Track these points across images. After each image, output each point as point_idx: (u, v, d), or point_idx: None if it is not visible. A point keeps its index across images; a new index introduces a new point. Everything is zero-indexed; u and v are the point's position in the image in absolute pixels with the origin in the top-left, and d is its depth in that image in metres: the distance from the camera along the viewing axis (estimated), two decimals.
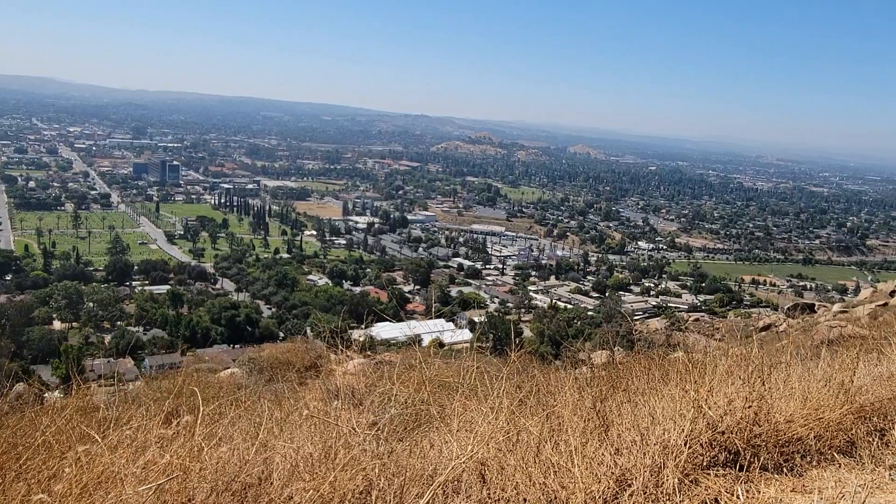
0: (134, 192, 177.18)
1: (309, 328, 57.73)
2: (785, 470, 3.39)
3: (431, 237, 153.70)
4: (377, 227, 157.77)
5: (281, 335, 62.67)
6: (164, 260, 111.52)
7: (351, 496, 3.00)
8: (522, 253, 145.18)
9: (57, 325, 75.06)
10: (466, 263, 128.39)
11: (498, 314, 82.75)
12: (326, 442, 3.37)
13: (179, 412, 4.18)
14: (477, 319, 74.09)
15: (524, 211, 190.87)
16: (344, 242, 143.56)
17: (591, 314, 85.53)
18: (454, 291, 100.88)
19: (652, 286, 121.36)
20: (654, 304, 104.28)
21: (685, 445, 3.28)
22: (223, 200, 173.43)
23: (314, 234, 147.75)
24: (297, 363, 12.17)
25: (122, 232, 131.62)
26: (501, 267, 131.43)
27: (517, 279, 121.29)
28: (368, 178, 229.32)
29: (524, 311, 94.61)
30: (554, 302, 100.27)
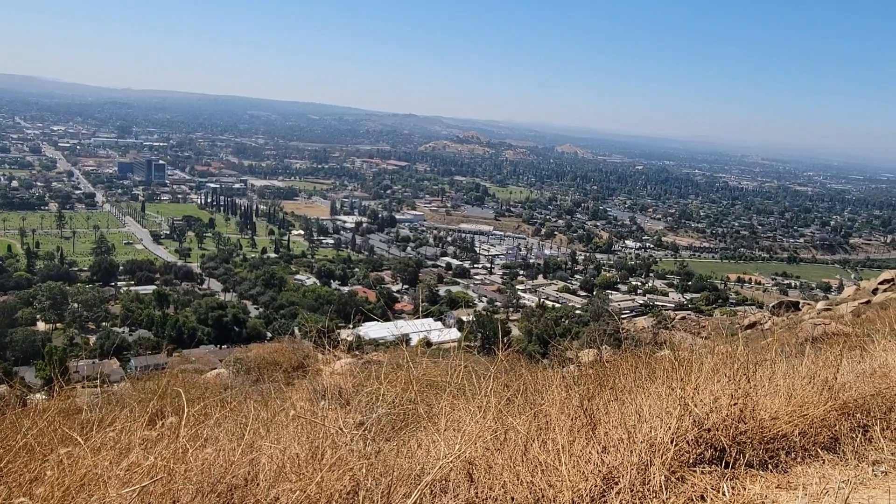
0: (119, 191, 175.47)
1: (297, 328, 57.48)
2: (770, 466, 3.42)
3: (420, 236, 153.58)
4: (365, 226, 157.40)
5: (268, 335, 62.33)
6: (149, 260, 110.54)
7: (338, 496, 2.98)
8: (510, 252, 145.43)
9: (41, 326, 74.32)
10: (455, 263, 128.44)
11: (486, 313, 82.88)
12: (313, 442, 3.35)
13: (164, 413, 4.14)
14: (465, 318, 74.14)
15: (512, 210, 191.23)
16: (332, 242, 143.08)
17: (578, 313, 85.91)
18: (442, 291, 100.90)
19: (639, 285, 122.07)
20: (641, 302, 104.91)
21: (672, 443, 3.30)
22: (210, 200, 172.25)
23: (302, 233, 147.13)
24: (284, 363, 12.11)
25: (107, 232, 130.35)
26: (489, 266, 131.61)
27: (505, 278, 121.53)
28: (356, 177, 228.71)
29: (512, 309, 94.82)
30: (542, 301, 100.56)
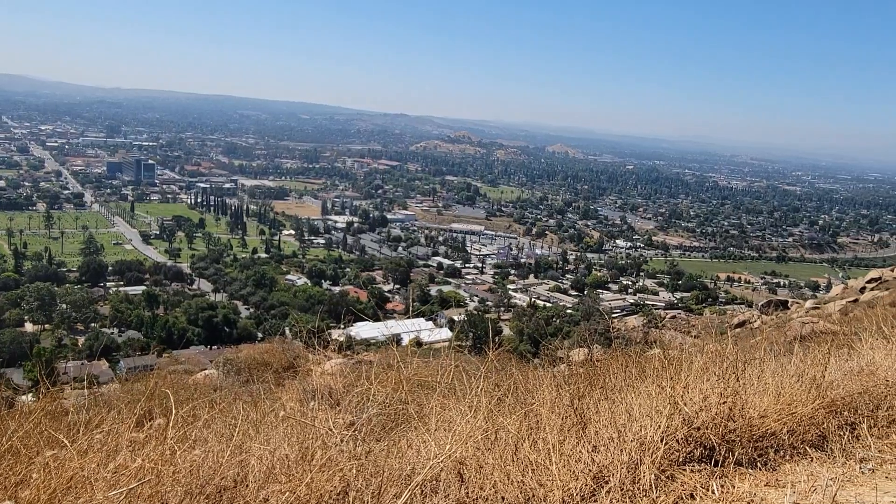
0: (108, 191, 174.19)
1: (287, 328, 57.31)
2: (759, 464, 3.44)
3: (411, 236, 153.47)
4: (356, 226, 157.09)
5: (259, 336, 62.09)
6: (139, 260, 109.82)
7: (328, 497, 2.97)
8: (502, 252, 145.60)
9: (29, 327, 73.77)
10: (446, 262, 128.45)
11: (477, 313, 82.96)
12: (303, 443, 3.33)
13: (153, 415, 4.11)
14: (456, 318, 74.18)
15: (503, 210, 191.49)
16: (323, 242, 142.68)
17: (569, 312, 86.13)
18: (434, 290, 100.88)
19: (630, 284, 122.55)
20: (631, 301, 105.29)
21: (661, 442, 3.31)
22: (200, 200, 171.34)
23: (293, 233, 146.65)
24: (274, 364, 12.06)
25: (95, 232, 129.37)
26: (481, 266, 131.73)
27: (496, 278, 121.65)
28: (347, 177, 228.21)
29: (503, 309, 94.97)
30: (533, 300, 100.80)
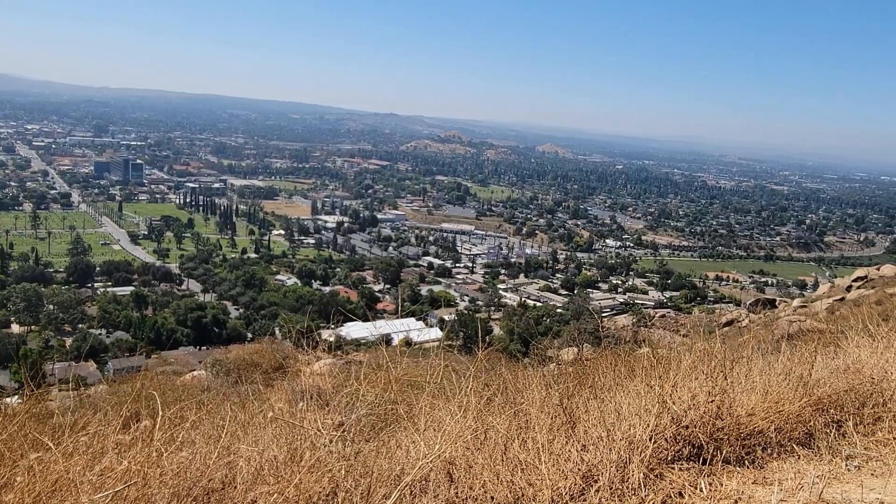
0: (96, 191, 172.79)
1: (277, 329, 57.07)
2: (746, 462, 3.46)
3: (401, 236, 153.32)
4: (347, 226, 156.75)
5: (249, 336, 61.85)
6: (127, 261, 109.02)
7: (317, 498, 2.95)
8: (492, 251, 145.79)
9: (15, 328, 73.13)
10: (436, 262, 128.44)
11: (468, 312, 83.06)
12: (292, 444, 3.32)
13: (139, 417, 4.08)
14: (447, 318, 74.19)
15: (494, 209, 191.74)
16: (313, 242, 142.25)
17: (559, 311, 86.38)
18: (424, 290, 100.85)
19: (619, 283, 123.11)
20: (621, 300, 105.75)
21: (650, 440, 3.32)
22: (189, 200, 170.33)
23: (282, 233, 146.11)
24: (264, 364, 12.00)
25: (83, 232, 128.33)
26: (471, 265, 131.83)
27: (487, 277, 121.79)
28: (337, 176, 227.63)
29: (494, 309, 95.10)
30: (523, 300, 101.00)
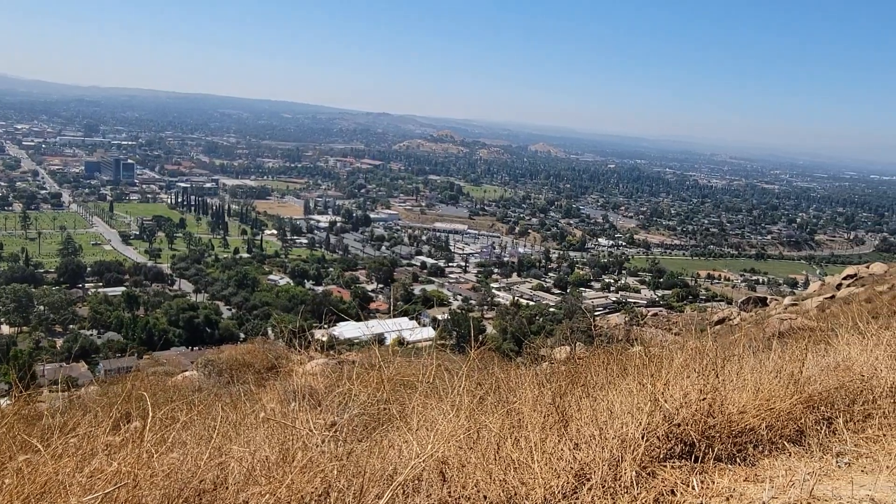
0: (86, 191, 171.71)
1: (270, 329, 56.97)
2: (738, 460, 3.47)
3: (394, 236, 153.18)
4: (339, 225, 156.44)
5: (241, 336, 61.64)
6: (118, 261, 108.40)
7: (309, 499, 2.94)
8: (485, 250, 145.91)
9: (5, 329, 72.71)
10: (429, 261, 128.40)
11: (461, 312, 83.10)
12: (284, 444, 3.30)
13: (130, 418, 4.05)
14: (440, 317, 74.23)
15: (486, 209, 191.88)
16: (305, 241, 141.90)
17: (552, 310, 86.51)
18: (417, 290, 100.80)
19: (612, 282, 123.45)
20: (614, 299, 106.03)
21: (642, 438, 3.32)
22: (180, 199, 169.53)
23: (275, 233, 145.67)
24: (256, 365, 11.96)
25: (74, 232, 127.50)
26: (464, 265, 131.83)
27: (480, 276, 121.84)
28: (330, 176, 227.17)
29: (487, 308, 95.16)
30: (516, 299, 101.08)
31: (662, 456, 3.38)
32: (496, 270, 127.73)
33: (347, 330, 45.90)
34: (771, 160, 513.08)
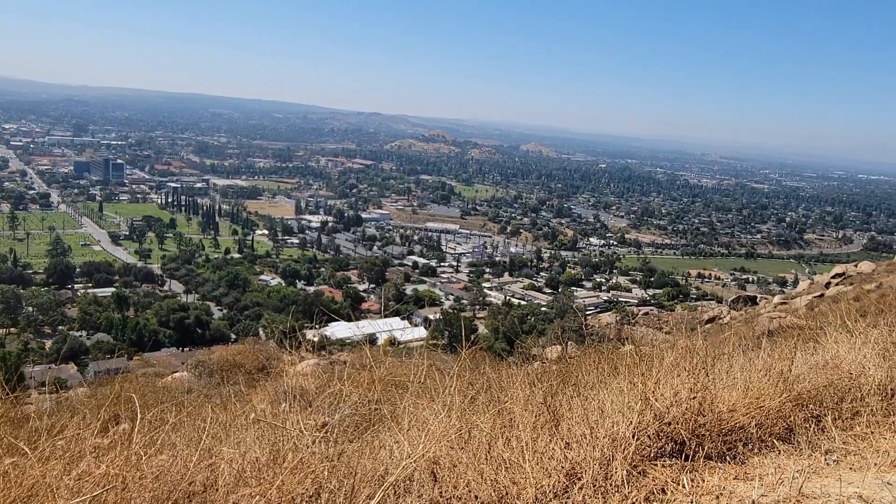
0: (75, 191, 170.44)
1: (261, 329, 56.71)
2: (728, 458, 3.48)
3: (386, 235, 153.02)
4: (331, 225, 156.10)
5: (232, 337, 61.39)
6: (108, 261, 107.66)
7: (300, 500, 2.93)
8: (477, 250, 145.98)
9: None
10: (421, 261, 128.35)
11: (453, 311, 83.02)
12: (274, 445, 3.29)
13: (119, 419, 4.02)
14: (432, 317, 74.24)
15: (478, 209, 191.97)
16: (297, 242, 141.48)
17: (544, 310, 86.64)
18: (409, 289, 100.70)
19: (603, 281, 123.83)
20: (605, 298, 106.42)
21: (633, 437, 3.33)
22: (170, 200, 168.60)
23: (266, 233, 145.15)
24: (247, 365, 11.91)
25: (62, 233, 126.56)
26: (456, 264, 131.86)
27: (472, 276, 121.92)
28: (321, 176, 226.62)
29: (479, 307, 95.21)
30: (508, 298, 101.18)
31: (653, 455, 3.39)
32: (488, 270, 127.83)
33: (339, 330, 45.69)
34: (761, 160, 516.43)
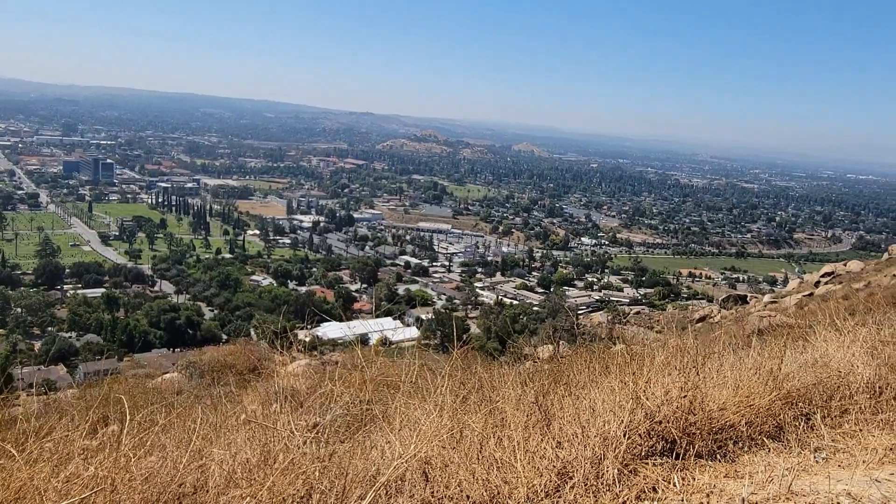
0: (65, 191, 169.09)
1: (253, 330, 56.47)
2: (718, 456, 3.50)
3: (378, 235, 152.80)
4: (323, 225, 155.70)
5: (224, 337, 61.08)
6: (97, 262, 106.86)
7: (291, 501, 2.92)
8: (468, 250, 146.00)
9: None
10: (413, 261, 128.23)
11: (445, 311, 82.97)
12: (265, 446, 3.27)
13: (108, 421, 3.99)
14: (424, 317, 74.19)
15: (470, 208, 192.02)
16: (289, 242, 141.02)
17: (536, 309, 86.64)
18: (401, 289, 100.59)
19: (595, 281, 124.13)
20: (597, 298, 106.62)
21: (624, 436, 3.34)
22: (161, 200, 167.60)
23: (257, 233, 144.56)
24: (238, 366, 11.86)
25: (52, 233, 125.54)
26: (448, 264, 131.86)
27: (464, 276, 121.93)
28: (313, 176, 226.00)
29: (471, 307, 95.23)
30: (500, 298, 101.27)
31: (644, 453, 3.40)
32: (480, 270, 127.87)
33: (331, 330, 45.57)
34: (751, 160, 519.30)
